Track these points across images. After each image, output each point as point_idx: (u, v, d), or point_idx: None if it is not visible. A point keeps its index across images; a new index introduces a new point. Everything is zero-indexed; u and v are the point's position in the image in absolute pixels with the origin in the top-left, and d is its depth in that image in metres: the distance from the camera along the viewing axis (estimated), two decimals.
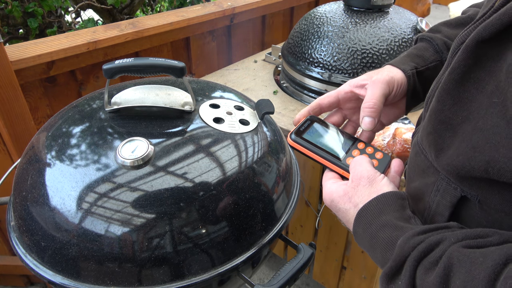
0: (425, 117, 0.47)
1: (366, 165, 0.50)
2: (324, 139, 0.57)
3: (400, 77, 0.54)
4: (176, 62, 0.62)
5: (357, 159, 0.52)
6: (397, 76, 0.54)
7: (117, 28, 1.26)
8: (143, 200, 0.52)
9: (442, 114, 0.42)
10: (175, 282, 0.54)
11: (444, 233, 0.38)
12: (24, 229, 0.57)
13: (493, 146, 0.35)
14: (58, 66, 1.13)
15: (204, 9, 1.53)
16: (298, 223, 1.30)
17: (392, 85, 0.53)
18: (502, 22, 0.35)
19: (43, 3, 1.89)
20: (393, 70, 0.55)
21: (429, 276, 0.35)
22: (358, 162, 0.51)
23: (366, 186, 0.48)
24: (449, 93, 0.41)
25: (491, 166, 0.35)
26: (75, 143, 0.59)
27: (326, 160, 0.54)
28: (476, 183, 0.40)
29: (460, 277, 0.33)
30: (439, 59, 0.57)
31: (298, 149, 0.57)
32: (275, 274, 0.58)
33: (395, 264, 0.39)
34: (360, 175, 0.49)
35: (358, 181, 0.49)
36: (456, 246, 0.36)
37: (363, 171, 0.49)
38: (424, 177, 0.48)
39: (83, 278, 0.53)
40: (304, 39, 1.19)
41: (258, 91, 1.28)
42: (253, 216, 0.59)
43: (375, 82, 0.53)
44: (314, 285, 1.54)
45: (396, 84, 0.53)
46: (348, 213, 0.49)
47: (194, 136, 0.61)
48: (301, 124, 0.59)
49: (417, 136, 0.51)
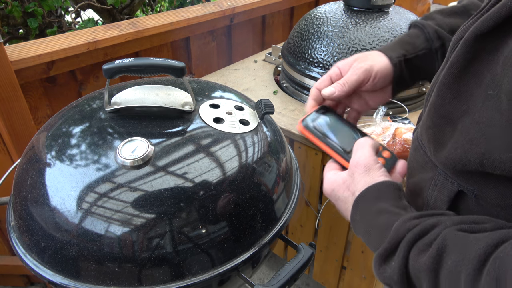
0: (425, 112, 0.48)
1: (366, 150, 0.50)
2: (333, 130, 0.57)
3: (382, 65, 0.56)
4: (176, 62, 0.62)
5: (361, 140, 0.51)
6: (379, 65, 0.56)
7: (117, 28, 1.26)
8: (143, 200, 0.52)
9: (442, 108, 0.42)
10: (175, 282, 0.54)
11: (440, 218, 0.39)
12: (24, 229, 0.57)
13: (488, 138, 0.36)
14: (58, 66, 1.13)
15: (204, 9, 1.53)
16: (298, 223, 1.30)
17: (369, 75, 0.56)
18: (500, 15, 0.36)
19: (43, 3, 1.89)
20: (378, 59, 0.57)
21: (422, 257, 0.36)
22: (360, 145, 0.51)
23: (362, 174, 0.48)
24: (449, 87, 0.41)
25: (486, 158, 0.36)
26: (75, 143, 0.59)
27: (333, 151, 0.54)
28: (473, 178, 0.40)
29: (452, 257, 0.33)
30: (428, 47, 0.58)
31: (306, 136, 0.58)
32: (275, 274, 0.58)
33: (389, 245, 0.39)
34: (357, 161, 0.49)
35: (354, 168, 0.49)
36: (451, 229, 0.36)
37: (361, 157, 0.49)
38: (423, 172, 0.48)
39: (83, 278, 0.53)
40: (304, 39, 1.19)
41: (258, 91, 1.28)
42: (253, 216, 0.59)
43: (355, 67, 0.56)
44: (314, 285, 1.54)
45: (374, 73, 0.56)
46: (347, 201, 0.49)
47: (194, 136, 0.61)
48: (313, 112, 0.59)
49: (417, 132, 0.52)
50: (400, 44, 0.59)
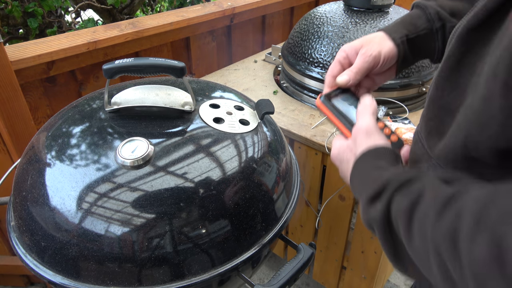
0: None
1: (367, 116, 0.53)
2: (348, 108, 0.60)
3: (388, 49, 0.59)
4: (176, 62, 0.62)
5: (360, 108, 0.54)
6: (386, 49, 0.59)
7: (117, 28, 1.26)
8: (143, 200, 0.52)
9: (441, 100, 0.45)
10: (175, 282, 0.54)
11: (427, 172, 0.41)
12: (24, 229, 0.57)
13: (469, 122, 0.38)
14: (58, 66, 1.13)
15: (204, 9, 1.53)
16: (298, 223, 1.30)
17: (378, 60, 0.59)
18: (487, 9, 0.38)
19: (43, 3, 1.89)
20: (383, 43, 0.60)
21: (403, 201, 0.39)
22: (361, 112, 0.54)
23: (363, 138, 0.51)
24: (446, 79, 0.44)
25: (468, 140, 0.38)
26: (75, 143, 0.59)
27: (345, 128, 0.58)
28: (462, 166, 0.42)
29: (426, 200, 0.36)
30: (429, 27, 0.60)
31: (323, 111, 0.62)
32: (275, 274, 0.58)
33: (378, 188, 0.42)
34: (359, 127, 0.52)
35: (356, 134, 0.52)
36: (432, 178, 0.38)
37: (363, 124, 0.52)
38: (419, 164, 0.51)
39: (83, 278, 0.53)
40: (304, 39, 1.19)
41: (258, 91, 1.28)
42: (253, 216, 0.59)
43: (365, 55, 0.58)
44: (314, 285, 1.54)
45: (383, 58, 0.59)
46: (349, 162, 0.52)
47: (194, 136, 0.61)
48: (333, 90, 0.62)
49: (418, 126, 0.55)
50: (402, 24, 0.61)
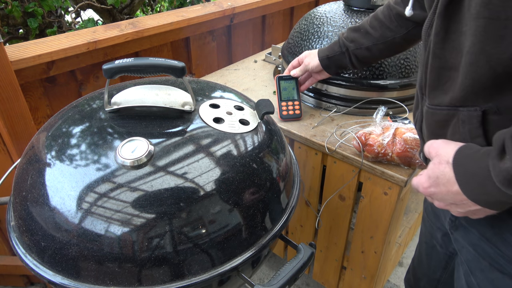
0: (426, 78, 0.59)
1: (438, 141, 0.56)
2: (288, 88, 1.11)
3: (315, 63, 1.02)
4: (176, 62, 0.62)
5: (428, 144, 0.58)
6: (313, 63, 1.03)
7: (117, 28, 1.27)
8: (143, 200, 0.52)
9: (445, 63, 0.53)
10: (175, 282, 0.54)
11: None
12: (24, 229, 0.57)
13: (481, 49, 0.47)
14: (58, 66, 1.14)
15: (204, 9, 1.53)
16: (298, 223, 1.30)
17: (307, 69, 1.05)
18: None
19: (43, 3, 1.89)
20: (314, 58, 1.03)
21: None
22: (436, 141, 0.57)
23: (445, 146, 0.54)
24: (442, 48, 0.53)
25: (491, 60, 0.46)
26: (75, 143, 0.59)
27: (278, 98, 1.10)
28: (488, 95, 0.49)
29: None
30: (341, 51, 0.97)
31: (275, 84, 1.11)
32: (275, 274, 0.58)
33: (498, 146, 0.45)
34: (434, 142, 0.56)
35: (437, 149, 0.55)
36: None
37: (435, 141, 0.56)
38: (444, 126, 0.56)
39: (83, 278, 0.53)
40: (304, 39, 1.19)
41: (258, 91, 1.28)
42: (253, 216, 0.59)
43: (303, 63, 1.05)
44: (314, 285, 1.54)
45: (310, 67, 1.04)
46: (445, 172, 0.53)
47: (194, 136, 0.61)
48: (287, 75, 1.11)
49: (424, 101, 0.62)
50: (328, 48, 1.00)
